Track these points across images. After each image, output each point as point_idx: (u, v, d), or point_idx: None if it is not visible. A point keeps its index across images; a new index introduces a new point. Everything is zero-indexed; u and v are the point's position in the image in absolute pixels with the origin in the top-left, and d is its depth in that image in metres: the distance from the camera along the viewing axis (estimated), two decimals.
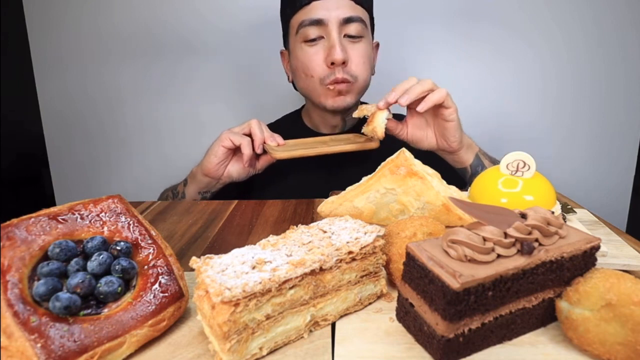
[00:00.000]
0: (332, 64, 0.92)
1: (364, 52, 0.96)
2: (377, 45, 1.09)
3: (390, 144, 0.85)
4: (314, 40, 0.94)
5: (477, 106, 1.42)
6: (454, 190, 0.60)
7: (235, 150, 0.91)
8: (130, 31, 1.35)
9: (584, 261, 0.42)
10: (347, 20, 0.92)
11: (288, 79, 1.08)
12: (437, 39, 1.35)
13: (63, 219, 0.44)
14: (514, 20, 1.34)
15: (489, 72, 1.39)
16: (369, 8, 0.99)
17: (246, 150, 0.86)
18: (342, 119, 1.06)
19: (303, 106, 1.16)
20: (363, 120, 1.09)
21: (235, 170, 0.92)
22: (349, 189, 0.62)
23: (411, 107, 0.84)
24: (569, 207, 0.68)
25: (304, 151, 0.84)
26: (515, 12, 1.33)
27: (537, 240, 0.40)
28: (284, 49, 1.07)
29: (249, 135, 0.89)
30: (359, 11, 0.94)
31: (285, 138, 0.91)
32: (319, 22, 0.92)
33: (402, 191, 0.57)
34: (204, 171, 0.91)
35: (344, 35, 0.93)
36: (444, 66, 1.39)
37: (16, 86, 1.37)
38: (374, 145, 0.86)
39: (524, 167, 0.62)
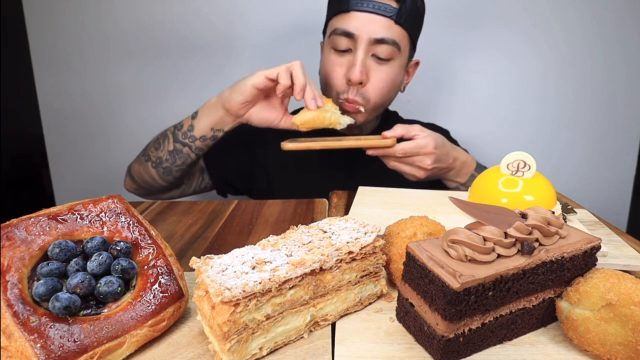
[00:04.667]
0: (350, 80, 0.90)
1: (387, 75, 0.92)
2: (417, 63, 1.04)
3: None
4: (342, 51, 0.91)
5: (477, 106, 1.42)
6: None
7: (266, 94, 0.86)
8: (131, 31, 1.35)
9: (585, 261, 0.42)
10: (378, 41, 0.88)
11: (319, 72, 1.04)
12: (438, 40, 1.35)
13: (63, 219, 0.44)
14: (515, 20, 1.34)
15: (490, 72, 1.39)
16: (411, 29, 0.92)
17: (283, 80, 0.80)
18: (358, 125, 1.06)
19: None
20: (382, 125, 1.09)
21: (258, 116, 0.87)
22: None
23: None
24: (570, 207, 0.68)
25: (311, 144, 0.83)
26: (516, 12, 1.33)
27: (537, 240, 0.40)
28: (323, 40, 1.03)
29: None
30: (395, 32, 0.89)
31: (300, 134, 0.89)
32: (349, 35, 0.88)
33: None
34: (225, 105, 0.86)
35: (372, 55, 0.90)
36: (445, 66, 1.39)
37: (16, 86, 1.37)
38: (389, 142, 0.83)
39: (524, 167, 0.62)
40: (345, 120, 0.87)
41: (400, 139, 0.84)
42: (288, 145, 0.83)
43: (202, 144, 0.91)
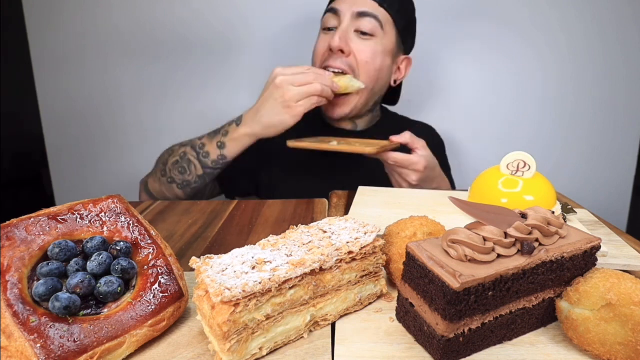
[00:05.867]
0: (330, 49, 0.95)
1: (371, 49, 0.95)
2: (409, 60, 1.07)
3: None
4: (329, 29, 0.97)
5: (477, 106, 1.42)
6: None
7: None
8: (130, 30, 1.35)
9: (585, 261, 0.42)
10: (361, 14, 0.93)
11: None
12: (437, 39, 1.35)
13: (63, 219, 0.44)
14: (515, 19, 1.34)
15: (490, 72, 1.39)
16: (395, 15, 0.98)
17: (329, 94, 0.88)
18: (351, 121, 1.07)
19: None
20: (379, 124, 1.09)
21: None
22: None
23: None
24: (570, 207, 0.68)
25: (311, 144, 0.86)
26: (516, 11, 1.34)
27: (537, 240, 0.40)
28: None
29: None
30: (378, 11, 0.95)
31: (303, 131, 0.92)
32: (335, 11, 0.95)
33: None
34: (268, 135, 0.90)
35: (355, 30, 0.95)
36: (444, 66, 1.39)
37: (16, 86, 1.37)
38: (367, 150, 0.83)
39: (524, 167, 0.62)
40: (356, 83, 0.94)
41: (403, 147, 0.87)
42: (292, 144, 0.87)
43: (233, 160, 0.95)
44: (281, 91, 0.84)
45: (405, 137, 0.86)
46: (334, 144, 0.87)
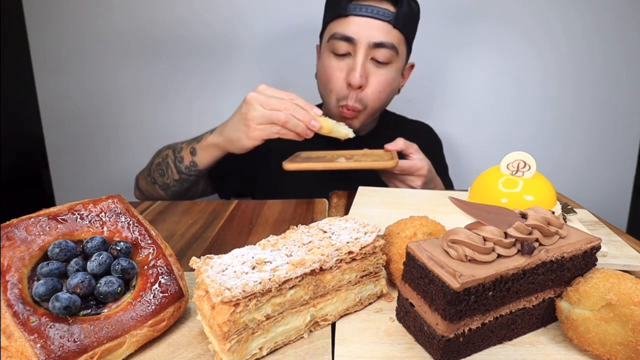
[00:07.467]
0: (350, 85, 0.91)
1: (385, 79, 0.93)
2: (412, 66, 1.06)
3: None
4: (341, 55, 0.92)
5: (477, 106, 1.42)
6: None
7: None
8: (130, 31, 1.35)
9: (585, 261, 0.42)
10: (378, 45, 0.89)
11: (316, 75, 1.04)
12: (437, 39, 1.35)
13: (63, 219, 0.44)
14: (515, 20, 1.34)
15: (490, 72, 1.39)
16: (407, 32, 0.94)
17: (300, 130, 0.79)
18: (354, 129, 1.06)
19: (321, 104, 1.08)
20: (378, 128, 1.09)
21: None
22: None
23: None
24: (570, 207, 0.68)
25: (310, 165, 0.82)
26: (516, 12, 1.34)
27: (537, 240, 0.40)
28: (319, 43, 1.04)
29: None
30: (393, 36, 0.90)
31: (302, 149, 0.90)
32: (349, 40, 0.89)
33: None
34: (230, 150, 0.87)
35: (371, 58, 0.91)
36: (444, 66, 1.39)
37: (16, 86, 1.37)
38: (390, 165, 0.80)
39: (524, 167, 0.62)
40: (343, 130, 0.85)
41: (397, 153, 0.86)
42: (288, 166, 0.81)
43: (206, 169, 0.94)
44: (248, 107, 0.80)
45: (399, 144, 0.85)
46: (341, 161, 0.84)
